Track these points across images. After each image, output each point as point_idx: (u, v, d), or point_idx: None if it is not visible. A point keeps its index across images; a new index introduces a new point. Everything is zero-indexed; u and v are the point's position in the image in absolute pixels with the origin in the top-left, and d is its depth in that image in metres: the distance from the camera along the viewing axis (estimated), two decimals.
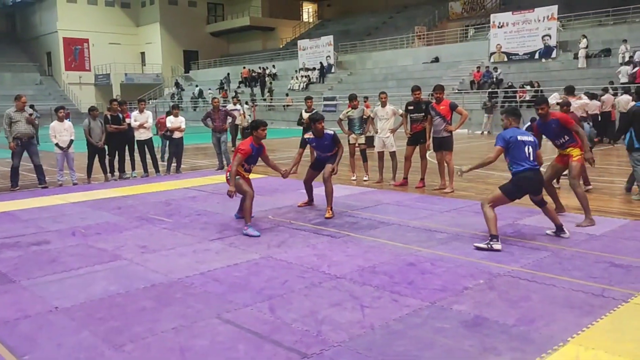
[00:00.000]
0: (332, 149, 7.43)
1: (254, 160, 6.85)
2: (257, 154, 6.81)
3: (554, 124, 6.57)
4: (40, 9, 46.24)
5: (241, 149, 6.61)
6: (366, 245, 5.71)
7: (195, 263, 5.21)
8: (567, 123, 6.47)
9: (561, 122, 6.48)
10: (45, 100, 38.92)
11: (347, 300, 4.17)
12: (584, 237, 5.81)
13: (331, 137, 7.30)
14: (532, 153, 5.64)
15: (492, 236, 5.42)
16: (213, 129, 11.91)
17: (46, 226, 6.93)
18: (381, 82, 29.45)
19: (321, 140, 7.35)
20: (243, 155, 6.58)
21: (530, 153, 5.63)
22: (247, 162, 6.75)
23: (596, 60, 23.79)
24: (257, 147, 6.74)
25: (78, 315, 3.99)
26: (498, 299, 4.11)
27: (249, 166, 6.84)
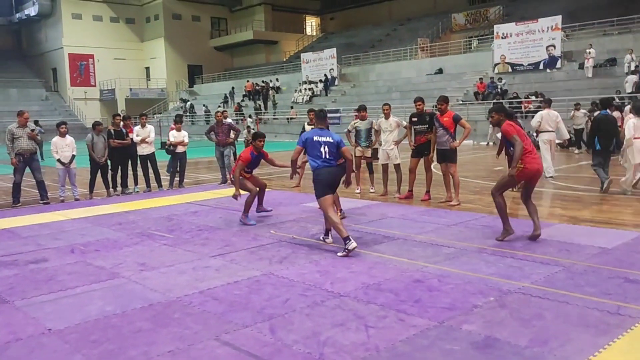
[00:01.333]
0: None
1: (254, 165, 7.89)
2: (257, 160, 7.83)
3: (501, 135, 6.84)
4: (46, 25, 46.64)
5: (242, 157, 7.68)
6: (371, 261, 5.54)
7: (194, 281, 5.05)
8: (505, 134, 6.15)
9: (502, 132, 6.25)
10: (51, 115, 39.06)
11: (351, 320, 4.00)
12: (596, 251, 5.63)
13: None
14: (328, 152, 6.10)
15: (345, 238, 5.75)
16: (216, 142, 11.80)
17: (45, 243, 6.81)
18: (385, 94, 29.39)
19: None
20: (243, 162, 7.65)
21: (326, 152, 6.09)
22: (248, 167, 7.79)
23: (602, 70, 23.66)
24: (256, 154, 7.73)
25: (71, 337, 3.84)
26: (509, 318, 3.94)
27: (249, 169, 7.87)
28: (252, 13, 48.62)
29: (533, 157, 6.04)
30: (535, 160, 6.05)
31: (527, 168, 5.99)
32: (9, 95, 43.98)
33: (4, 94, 43.86)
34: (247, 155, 7.61)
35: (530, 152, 6.02)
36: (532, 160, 6.00)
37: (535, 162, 6.07)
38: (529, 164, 5.98)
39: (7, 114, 34.58)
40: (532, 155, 6.03)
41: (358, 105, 10.81)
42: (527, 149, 6.00)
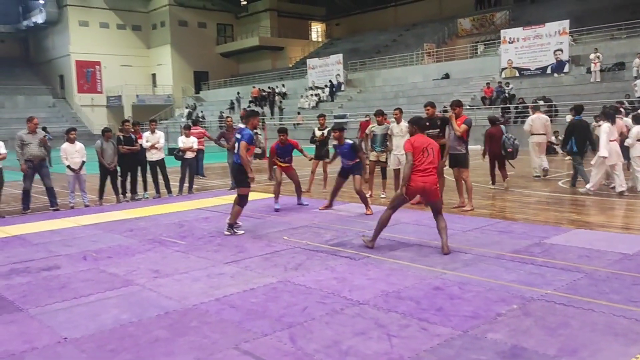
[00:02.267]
0: (352, 157, 8.08)
1: (283, 154, 9.31)
2: (284, 150, 9.29)
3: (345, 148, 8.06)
4: (53, 33, 46.88)
5: (270, 149, 9.47)
6: (388, 267, 5.46)
7: (209, 288, 4.98)
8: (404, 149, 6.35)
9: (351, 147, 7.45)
10: (58, 122, 39.22)
11: (373, 328, 3.91)
12: (618, 257, 5.52)
13: (349, 145, 8.00)
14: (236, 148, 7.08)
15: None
16: (228, 148, 11.70)
17: (57, 250, 6.75)
18: (392, 100, 29.34)
19: (341, 147, 8.34)
20: (271, 153, 9.36)
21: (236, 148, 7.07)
22: (279, 157, 9.30)
23: (610, 74, 23.53)
24: (282, 146, 9.24)
25: (88, 346, 3.77)
26: (535, 327, 3.84)
27: (282, 159, 9.31)
28: (258, 19, 48.75)
29: (418, 176, 5.97)
30: (419, 178, 5.96)
31: (411, 186, 6.00)
32: (16, 102, 44.22)
33: (11, 101, 44.11)
34: (273, 147, 9.39)
35: (418, 170, 5.97)
36: (416, 178, 5.97)
37: (420, 180, 5.96)
38: (413, 182, 5.98)
39: (15, 120, 34.76)
40: (418, 173, 5.97)
41: (364, 110, 10.80)
42: (416, 166, 5.96)
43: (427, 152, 6.03)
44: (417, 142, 6.08)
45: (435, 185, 6.06)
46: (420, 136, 6.18)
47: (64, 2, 44.64)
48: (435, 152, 6.11)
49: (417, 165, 5.98)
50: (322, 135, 11.31)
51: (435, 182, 6.06)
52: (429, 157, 6.03)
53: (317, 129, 11.49)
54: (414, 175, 5.98)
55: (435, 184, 6.07)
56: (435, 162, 6.09)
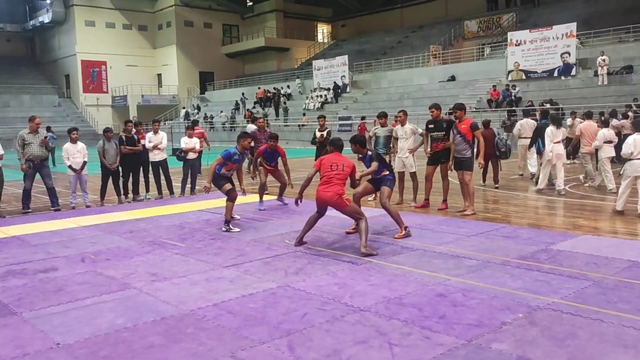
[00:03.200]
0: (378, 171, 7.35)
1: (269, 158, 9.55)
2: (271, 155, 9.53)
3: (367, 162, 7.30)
4: (60, 32, 46.99)
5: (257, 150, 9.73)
6: (390, 273, 5.34)
7: (208, 293, 4.88)
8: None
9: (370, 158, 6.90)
10: (64, 122, 39.28)
11: (374, 337, 3.80)
12: (626, 265, 5.39)
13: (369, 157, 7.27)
14: None
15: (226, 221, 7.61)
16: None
17: (55, 251, 6.67)
18: (397, 101, 29.20)
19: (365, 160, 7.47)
20: (258, 155, 9.60)
21: None
22: (266, 161, 9.58)
23: (618, 78, 23.32)
24: (270, 151, 9.47)
25: (81, 352, 3.67)
26: (541, 337, 3.71)
27: (268, 163, 9.58)
28: (264, 20, 48.71)
29: (321, 187, 6.36)
30: (321, 189, 6.34)
31: (316, 196, 6.43)
32: (22, 101, 44.32)
33: (17, 100, 44.21)
34: (261, 149, 9.60)
35: (322, 182, 6.37)
36: (319, 189, 6.39)
37: (322, 190, 6.33)
38: (317, 193, 6.41)
39: (20, 120, 34.81)
40: (322, 185, 6.36)
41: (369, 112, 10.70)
42: (322, 180, 6.37)
43: (330, 169, 6.37)
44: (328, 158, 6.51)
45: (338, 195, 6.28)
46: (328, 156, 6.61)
47: (71, 2, 44.75)
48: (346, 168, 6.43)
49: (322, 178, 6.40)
50: (322, 136, 11.23)
51: (338, 192, 6.28)
52: (332, 171, 6.36)
53: (317, 130, 11.41)
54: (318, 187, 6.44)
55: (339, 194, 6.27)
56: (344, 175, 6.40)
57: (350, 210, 6.37)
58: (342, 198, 6.26)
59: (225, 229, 7.58)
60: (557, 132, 10.11)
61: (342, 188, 6.31)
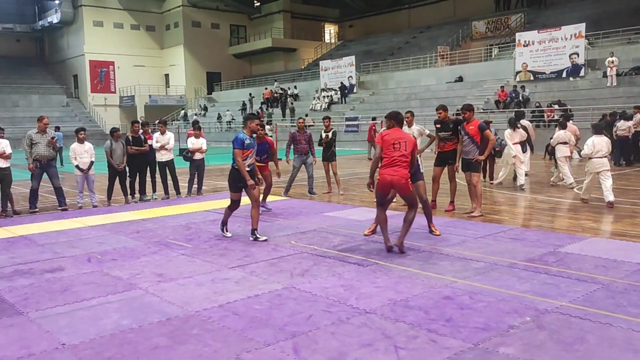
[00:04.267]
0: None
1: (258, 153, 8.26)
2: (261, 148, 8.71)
3: None
4: (68, 33, 47.23)
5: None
6: (396, 275, 5.31)
7: (213, 294, 4.86)
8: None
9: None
10: (72, 121, 39.47)
11: (379, 339, 3.77)
12: (635, 268, 5.33)
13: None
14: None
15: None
16: (298, 151, 10.92)
17: (62, 251, 6.68)
18: (404, 102, 29.11)
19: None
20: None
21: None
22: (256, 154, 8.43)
23: (627, 79, 23.13)
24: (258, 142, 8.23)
25: (86, 353, 3.67)
26: (549, 341, 3.67)
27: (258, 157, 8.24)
28: (271, 21, 48.73)
29: (387, 170, 6.03)
30: (388, 173, 6.03)
31: (379, 179, 6.11)
32: (30, 101, 44.58)
33: (25, 100, 44.47)
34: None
35: (389, 164, 6.04)
36: (384, 172, 6.05)
37: (389, 174, 6.02)
38: (381, 175, 6.09)
39: (29, 119, 35.05)
40: (388, 168, 6.03)
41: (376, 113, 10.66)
42: (386, 161, 6.04)
43: (395, 149, 6.05)
44: (391, 136, 6.13)
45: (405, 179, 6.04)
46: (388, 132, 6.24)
47: (79, 3, 44.96)
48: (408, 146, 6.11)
49: (385, 160, 6.06)
50: (327, 137, 11.20)
51: (405, 176, 6.03)
52: (396, 152, 6.04)
53: (322, 131, 11.41)
54: (381, 170, 6.06)
55: (405, 178, 6.04)
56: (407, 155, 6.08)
57: (412, 196, 6.19)
58: (408, 182, 6.08)
59: (253, 238, 7.01)
60: (514, 134, 11.38)
61: (408, 171, 6.07)
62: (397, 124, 6.29)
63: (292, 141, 10.96)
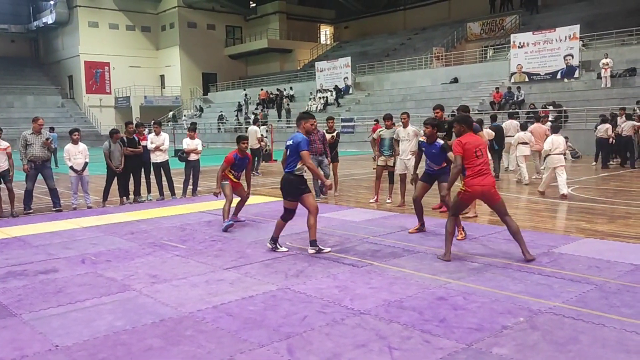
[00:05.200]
0: (440, 161, 7.03)
1: (239, 168, 7.96)
2: (241, 163, 7.95)
3: (434, 149, 6.89)
4: (63, 33, 47.12)
5: (226, 158, 7.87)
6: (391, 276, 5.31)
7: (207, 295, 4.86)
8: (453, 151, 5.78)
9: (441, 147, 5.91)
10: (67, 122, 39.36)
11: (373, 340, 3.77)
12: (629, 268, 5.35)
13: (440, 146, 6.98)
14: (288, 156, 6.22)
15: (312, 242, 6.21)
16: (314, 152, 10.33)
17: (56, 253, 6.66)
18: (399, 103, 29.17)
19: (430, 147, 7.10)
20: (226, 163, 7.82)
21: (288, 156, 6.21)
22: (234, 170, 7.92)
23: (621, 80, 23.24)
24: (240, 157, 7.90)
25: (79, 355, 3.65)
26: (542, 341, 3.69)
27: (237, 173, 7.96)
28: (267, 22, 48.75)
29: (477, 180, 5.62)
30: (479, 183, 5.61)
31: (468, 191, 5.68)
32: (25, 102, 44.45)
33: (21, 100, 44.34)
34: (230, 157, 7.87)
35: (473, 174, 5.61)
36: (474, 183, 5.62)
37: (479, 185, 5.61)
38: (471, 187, 5.64)
39: (24, 120, 34.88)
40: (477, 178, 5.61)
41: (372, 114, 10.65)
42: (472, 171, 5.61)
43: (479, 156, 5.65)
44: (472, 144, 5.64)
45: (494, 187, 5.74)
46: (464, 140, 5.71)
47: (74, 3, 44.89)
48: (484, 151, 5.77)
49: (472, 169, 5.62)
50: (331, 137, 11.15)
51: (493, 184, 5.75)
52: (479, 159, 5.65)
53: (325, 131, 11.34)
54: (470, 181, 5.61)
55: (494, 186, 5.75)
56: (488, 162, 5.84)
57: (501, 204, 5.78)
58: (497, 191, 5.82)
59: (314, 250, 6.24)
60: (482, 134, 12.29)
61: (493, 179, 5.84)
62: (467, 128, 5.84)
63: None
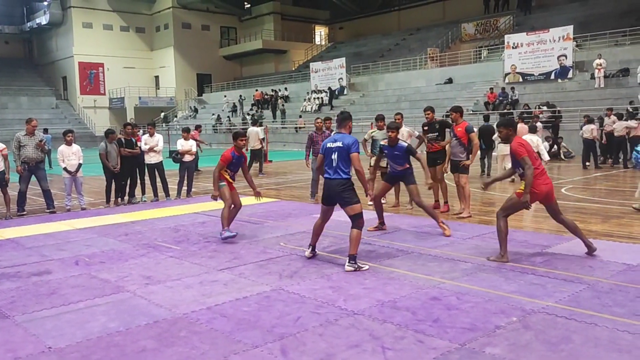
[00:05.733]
0: (402, 162, 7.27)
1: (235, 167, 7.38)
2: (238, 162, 7.36)
3: (397, 150, 6.92)
4: (57, 34, 46.96)
5: (222, 156, 7.25)
6: (385, 276, 5.32)
7: (201, 296, 4.86)
8: (516, 154, 5.65)
9: (512, 152, 5.74)
10: (61, 123, 39.24)
11: (367, 340, 3.78)
12: (621, 268, 5.38)
13: (404, 148, 7.14)
14: (336, 160, 5.67)
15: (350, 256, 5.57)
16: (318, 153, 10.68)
17: (49, 254, 6.64)
18: (394, 104, 29.21)
19: (392, 149, 7.28)
20: (223, 161, 7.20)
21: (335, 159, 5.67)
22: (230, 169, 7.32)
23: (614, 81, 23.37)
24: (237, 155, 7.30)
25: (72, 357, 3.65)
26: (535, 341, 3.70)
27: (232, 173, 7.39)
28: (262, 22, 48.74)
29: (541, 180, 5.63)
30: (543, 182, 5.64)
31: (535, 191, 5.60)
32: (19, 103, 44.28)
33: (15, 102, 44.16)
34: (228, 154, 7.21)
35: (540, 174, 5.63)
36: (540, 183, 5.61)
37: (544, 184, 5.65)
38: (537, 187, 5.59)
39: (18, 121, 34.71)
40: (541, 177, 5.64)
41: (366, 114, 10.64)
42: (538, 170, 5.62)
43: (536, 157, 5.79)
44: (527, 145, 5.68)
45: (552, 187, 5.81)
46: (522, 141, 5.75)
47: (68, 4, 44.74)
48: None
49: (538, 168, 5.63)
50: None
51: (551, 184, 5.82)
52: (538, 160, 5.81)
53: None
54: (537, 180, 5.57)
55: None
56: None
57: (557, 204, 5.90)
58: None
59: (353, 267, 5.54)
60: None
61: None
62: (514, 131, 5.86)
63: (310, 143, 10.58)
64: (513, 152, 5.68)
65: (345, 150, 5.65)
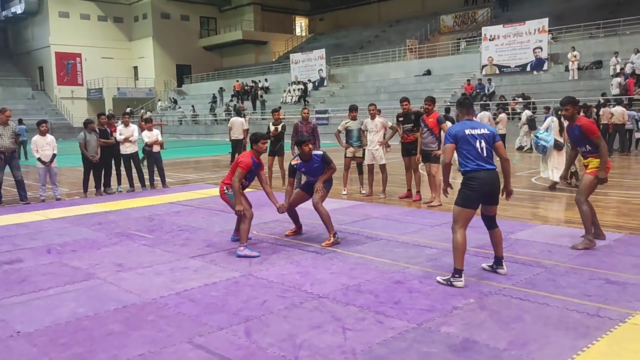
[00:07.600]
0: (321, 172, 6.42)
1: (252, 176, 6.22)
2: (256, 169, 6.20)
3: (577, 130, 5.85)
4: (33, 23, 46.10)
5: (242, 162, 5.97)
6: (352, 262, 5.47)
7: (171, 282, 4.95)
8: (590, 132, 5.74)
9: (583, 129, 5.75)
10: (37, 114, 38.48)
11: (329, 322, 3.92)
12: (578, 252, 5.60)
13: (320, 158, 6.36)
14: (485, 148, 4.73)
15: (456, 270, 4.64)
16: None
17: (21, 243, 6.66)
18: (373, 95, 29.36)
19: (310, 163, 6.41)
20: (244, 169, 5.95)
21: (484, 148, 4.73)
22: (246, 178, 6.14)
23: (588, 72, 23.80)
24: (257, 162, 6.17)
25: (40, 340, 3.73)
26: (489, 320, 3.88)
27: (247, 183, 6.28)
28: (242, 13, 48.45)
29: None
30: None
31: (608, 167, 5.84)
32: None
33: None
34: (249, 160, 6.03)
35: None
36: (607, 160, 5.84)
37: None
38: (608, 162, 5.82)
39: None
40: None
41: (346, 106, 10.72)
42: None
43: None
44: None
45: None
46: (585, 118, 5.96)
47: None
48: None
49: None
50: (275, 130, 11.12)
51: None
52: None
53: (271, 123, 11.33)
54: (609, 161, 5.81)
55: None
56: None
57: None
58: None
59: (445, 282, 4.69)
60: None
61: None
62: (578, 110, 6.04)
63: (295, 133, 10.33)
64: (586, 130, 5.73)
65: (492, 139, 4.82)
